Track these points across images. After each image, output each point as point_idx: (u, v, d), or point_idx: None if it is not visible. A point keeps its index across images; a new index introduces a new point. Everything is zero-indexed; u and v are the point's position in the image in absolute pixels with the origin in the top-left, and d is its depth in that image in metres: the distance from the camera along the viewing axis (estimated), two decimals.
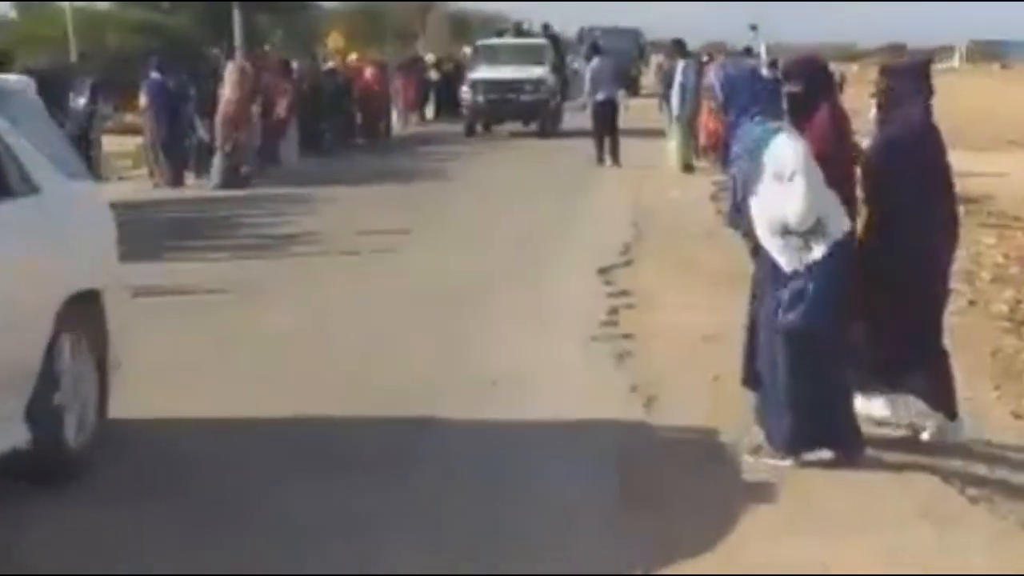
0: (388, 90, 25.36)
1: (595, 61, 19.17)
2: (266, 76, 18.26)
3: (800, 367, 5.07)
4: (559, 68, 26.36)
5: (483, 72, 24.69)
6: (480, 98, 24.31)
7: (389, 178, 17.12)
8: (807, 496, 4.84)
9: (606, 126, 18.56)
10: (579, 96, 38.58)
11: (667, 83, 18.10)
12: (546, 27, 30.95)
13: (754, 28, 19.61)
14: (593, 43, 22.70)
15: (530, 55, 25.41)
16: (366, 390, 6.41)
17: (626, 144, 18.76)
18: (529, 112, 24.42)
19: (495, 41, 28.06)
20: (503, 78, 24.14)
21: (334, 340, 7.61)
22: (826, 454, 5.16)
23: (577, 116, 22.30)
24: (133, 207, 14.40)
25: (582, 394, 6.33)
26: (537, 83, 24.17)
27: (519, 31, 31.82)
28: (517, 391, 6.35)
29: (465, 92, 25.00)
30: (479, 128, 25.06)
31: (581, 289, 9.12)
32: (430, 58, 32.95)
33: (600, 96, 18.61)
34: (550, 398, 6.24)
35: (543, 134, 23.95)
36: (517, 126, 25.03)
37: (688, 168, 17.35)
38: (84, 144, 13.71)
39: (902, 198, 5.28)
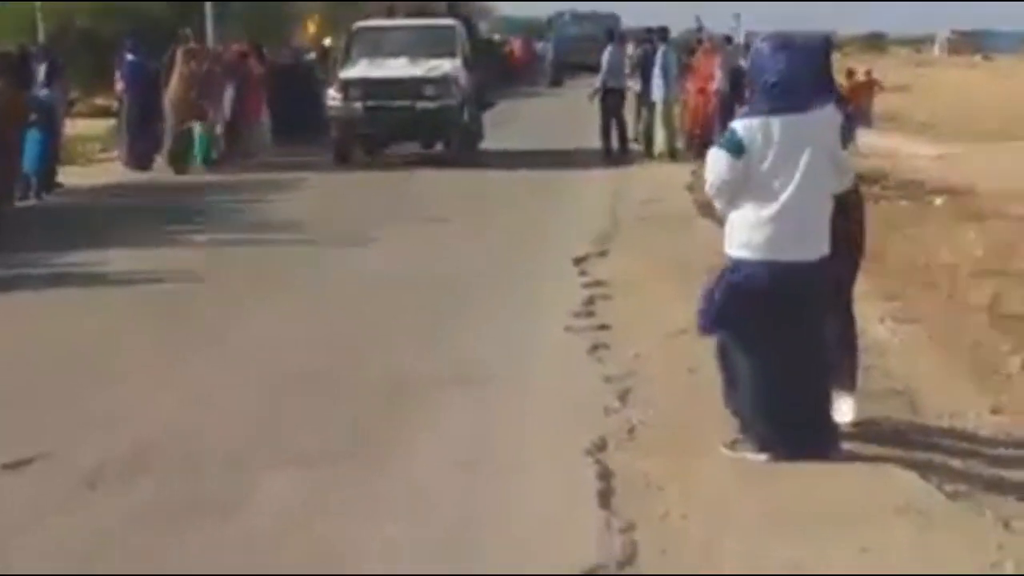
0: None
1: (610, 48, 18.22)
2: (242, 63, 18.09)
3: (766, 366, 5.00)
4: (476, 63, 18.18)
5: (360, 69, 16.80)
6: (356, 106, 16.39)
7: (367, 165, 16.92)
8: (782, 492, 4.73)
9: (614, 115, 17.82)
10: (544, 81, 38.68)
11: (642, 70, 17.85)
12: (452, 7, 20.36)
13: (737, 17, 19.70)
14: (610, 30, 20.95)
15: (432, 43, 17.16)
16: (338, 381, 6.31)
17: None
18: (429, 127, 16.71)
19: (380, 23, 18.80)
20: (390, 76, 16.50)
21: (307, 331, 7.49)
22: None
23: (509, 128, 20.30)
24: (100, 191, 14.27)
25: (556, 385, 6.22)
26: (441, 84, 16.46)
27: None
28: (490, 382, 6.23)
29: (332, 99, 16.81)
30: (356, 152, 17.22)
31: (556, 279, 8.99)
32: None
33: (611, 84, 17.85)
34: (523, 390, 6.13)
35: (451, 160, 16.61)
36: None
37: (672, 154, 17.22)
38: (48, 127, 13.51)
39: None
